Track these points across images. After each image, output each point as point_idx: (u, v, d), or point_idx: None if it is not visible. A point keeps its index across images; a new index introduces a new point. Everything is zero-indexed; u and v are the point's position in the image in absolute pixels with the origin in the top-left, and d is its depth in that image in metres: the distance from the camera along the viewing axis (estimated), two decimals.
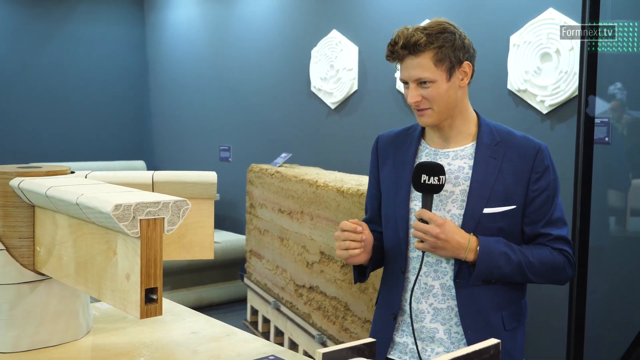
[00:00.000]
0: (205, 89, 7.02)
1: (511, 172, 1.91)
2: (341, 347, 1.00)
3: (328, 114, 5.44)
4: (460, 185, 1.93)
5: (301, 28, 5.72)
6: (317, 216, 3.83)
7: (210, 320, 2.00)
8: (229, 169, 6.63)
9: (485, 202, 1.89)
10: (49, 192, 1.44)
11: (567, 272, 1.96)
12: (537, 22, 3.81)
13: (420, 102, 1.90)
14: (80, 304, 1.77)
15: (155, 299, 1.28)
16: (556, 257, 1.93)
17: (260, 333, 4.87)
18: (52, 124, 7.43)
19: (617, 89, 3.22)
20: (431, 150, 2.01)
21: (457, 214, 1.92)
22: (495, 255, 1.86)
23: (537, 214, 1.93)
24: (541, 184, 1.92)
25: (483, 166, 1.91)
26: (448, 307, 1.94)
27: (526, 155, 1.92)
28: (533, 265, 1.90)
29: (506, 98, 4.02)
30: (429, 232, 1.83)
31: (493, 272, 1.87)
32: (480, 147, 1.94)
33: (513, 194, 1.90)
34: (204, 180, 1.79)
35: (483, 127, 1.98)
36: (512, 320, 1.96)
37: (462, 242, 1.85)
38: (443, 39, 1.87)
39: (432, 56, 1.87)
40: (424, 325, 1.97)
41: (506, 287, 1.95)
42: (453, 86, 1.91)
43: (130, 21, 7.92)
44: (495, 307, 1.93)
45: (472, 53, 1.95)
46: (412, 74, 1.89)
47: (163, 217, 1.28)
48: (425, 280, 1.97)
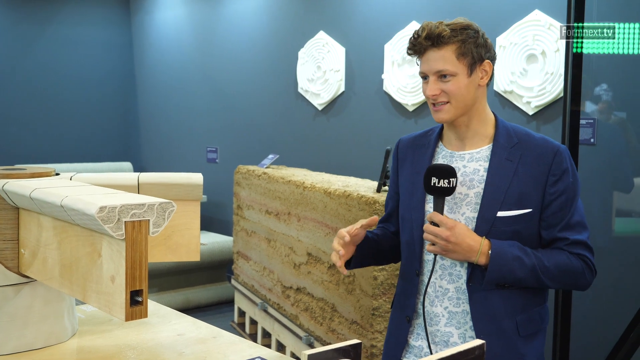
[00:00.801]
0: (192, 90, 7.00)
1: (528, 174, 1.87)
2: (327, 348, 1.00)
3: (315, 115, 5.44)
4: (474, 188, 1.90)
5: (288, 29, 5.72)
6: (304, 217, 3.83)
7: (196, 322, 1.99)
8: (216, 170, 6.62)
9: (499, 205, 1.86)
10: (34, 194, 1.43)
11: (586, 278, 1.90)
12: (523, 24, 3.82)
13: (438, 96, 1.88)
14: (65, 306, 1.76)
15: (141, 301, 1.27)
16: (573, 262, 1.87)
17: (247, 335, 4.86)
18: (37, 125, 7.38)
19: (602, 90, 3.24)
20: (447, 152, 1.99)
21: (471, 217, 1.89)
22: (507, 259, 1.83)
23: (554, 217, 1.88)
24: (559, 187, 1.87)
25: (498, 169, 1.88)
26: (463, 311, 1.92)
27: (544, 157, 1.88)
28: (548, 269, 1.85)
29: (492, 99, 4.04)
30: (440, 235, 1.81)
31: (505, 276, 1.84)
32: (496, 149, 1.91)
33: (529, 197, 1.87)
34: (190, 182, 1.78)
35: (500, 128, 1.95)
36: (527, 326, 1.92)
37: (474, 245, 1.82)
38: (466, 34, 1.86)
39: (455, 49, 1.86)
40: (439, 328, 1.95)
41: (521, 291, 1.90)
42: (473, 83, 1.89)
43: (116, 22, 7.89)
44: (509, 312, 1.89)
45: (493, 54, 1.94)
46: (434, 66, 1.87)
47: (148, 219, 1.28)
48: (440, 284, 1.95)
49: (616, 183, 3.30)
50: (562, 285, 1.94)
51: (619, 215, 3.28)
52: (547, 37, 3.70)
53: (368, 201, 3.16)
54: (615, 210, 3.27)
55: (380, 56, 4.76)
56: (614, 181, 3.31)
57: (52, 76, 7.44)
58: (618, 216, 3.28)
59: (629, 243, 3.29)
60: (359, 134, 4.97)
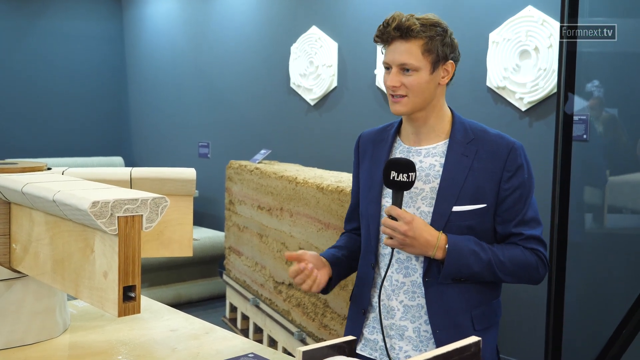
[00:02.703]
0: (183, 84, 6.98)
1: (483, 170, 1.90)
2: (321, 345, 0.99)
3: (307, 110, 5.43)
4: (430, 182, 1.93)
5: (280, 24, 5.71)
6: (296, 213, 3.82)
7: (189, 317, 1.99)
8: (207, 166, 6.60)
9: (455, 200, 1.88)
10: (25, 188, 1.42)
11: (539, 272, 1.94)
12: (516, 20, 3.83)
13: (398, 88, 1.90)
14: (57, 302, 1.75)
15: (134, 296, 1.27)
16: (528, 257, 1.91)
17: (239, 330, 4.86)
18: (28, 119, 7.34)
19: (595, 87, 3.25)
20: (405, 147, 2.01)
21: (427, 212, 1.91)
22: (464, 253, 1.85)
23: (509, 212, 1.91)
24: (513, 183, 1.90)
25: (454, 164, 1.91)
26: (418, 305, 1.94)
27: (499, 153, 1.91)
28: (503, 264, 1.88)
29: (485, 95, 4.04)
30: (397, 229, 1.83)
31: (462, 270, 1.86)
32: (452, 145, 1.93)
33: (484, 192, 1.89)
34: (183, 177, 1.78)
35: (457, 124, 1.97)
36: (482, 320, 1.95)
37: (431, 239, 1.84)
38: (435, 31, 1.88)
39: (422, 44, 1.87)
40: (394, 322, 1.97)
41: (476, 286, 1.93)
42: (434, 80, 1.91)
43: (107, 16, 7.85)
44: (464, 306, 1.92)
45: (457, 55, 1.96)
46: (398, 58, 1.89)
47: (141, 214, 1.27)
48: (396, 277, 1.97)
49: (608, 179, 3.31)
50: (516, 280, 1.96)
51: (610, 212, 3.29)
52: (540, 33, 3.70)
53: None
54: (607, 206, 3.28)
55: (373, 51, 4.76)
56: (607, 177, 3.31)
57: (43, 70, 7.40)
58: (610, 212, 3.29)
59: (621, 239, 3.30)
60: (352, 129, 4.96)
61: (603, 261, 3.24)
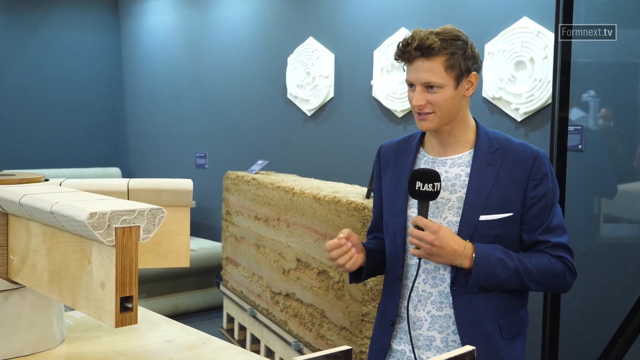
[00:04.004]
0: (181, 95, 6.99)
1: (508, 179, 1.91)
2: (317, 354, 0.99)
3: (304, 121, 5.44)
4: (457, 192, 1.93)
5: (277, 35, 5.73)
6: (293, 223, 3.82)
7: (186, 328, 1.99)
8: (205, 176, 6.60)
9: (482, 210, 1.88)
10: (23, 200, 1.43)
11: (566, 280, 1.94)
12: (512, 31, 3.84)
13: (424, 106, 1.89)
14: (54, 312, 1.76)
15: (131, 307, 1.27)
16: (555, 264, 1.91)
17: (236, 341, 4.85)
18: (25, 130, 7.35)
19: (590, 97, 3.26)
20: (429, 158, 2.01)
21: (454, 221, 1.92)
22: (491, 261, 1.86)
23: (535, 221, 1.92)
24: (539, 191, 1.91)
25: (480, 174, 1.91)
26: (446, 315, 1.94)
27: (524, 162, 1.91)
28: (530, 272, 1.89)
29: (481, 106, 4.05)
30: (424, 239, 1.83)
31: (489, 279, 1.87)
32: (477, 155, 1.94)
33: (510, 201, 1.90)
34: (180, 188, 1.78)
35: (481, 134, 1.97)
36: (510, 329, 1.95)
37: (458, 248, 1.85)
38: (456, 46, 1.87)
39: (444, 61, 1.86)
40: (421, 332, 1.97)
41: (504, 295, 1.94)
42: (458, 94, 1.91)
43: (105, 27, 7.87)
44: (492, 315, 1.92)
45: (479, 64, 1.95)
46: (422, 77, 1.88)
47: (138, 225, 1.27)
48: (423, 288, 1.97)
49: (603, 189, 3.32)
50: (544, 288, 1.98)
51: (606, 221, 3.30)
52: (536, 44, 3.72)
53: (357, 207, 3.17)
54: (602, 215, 3.29)
55: (370, 62, 4.77)
56: (602, 187, 3.32)
57: (40, 81, 7.41)
58: (605, 222, 3.29)
59: (616, 248, 3.31)
60: (348, 140, 4.98)
61: (599, 270, 3.24)
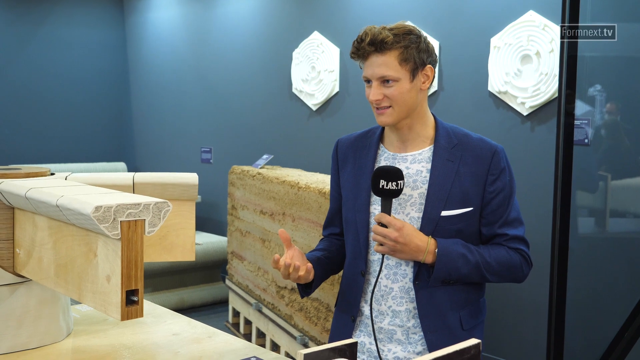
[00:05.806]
0: (186, 90, 6.99)
1: (468, 174, 1.94)
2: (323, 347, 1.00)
3: (309, 115, 5.44)
4: (418, 188, 1.96)
5: (282, 30, 5.72)
6: (298, 218, 3.83)
7: (191, 321, 1.99)
8: (210, 171, 6.61)
9: (443, 205, 1.92)
10: (29, 193, 1.43)
11: (523, 271, 2.00)
12: (518, 25, 3.83)
13: (381, 101, 1.92)
14: (61, 306, 1.76)
15: (136, 300, 1.27)
16: (512, 257, 1.96)
17: (242, 335, 4.86)
18: (32, 125, 7.36)
19: (596, 91, 3.25)
20: (390, 154, 2.03)
21: (416, 217, 1.95)
22: (453, 256, 1.90)
23: (493, 214, 1.96)
24: (497, 186, 1.95)
25: (440, 169, 1.94)
26: (406, 309, 1.98)
27: (482, 157, 1.95)
28: (490, 265, 1.94)
29: (487, 100, 4.04)
30: (388, 236, 1.85)
31: (451, 273, 1.91)
32: (437, 151, 1.97)
33: (470, 196, 1.94)
34: (185, 182, 1.79)
35: (440, 130, 2.00)
36: (470, 320, 2.00)
37: (421, 245, 1.88)
38: (409, 40, 1.90)
39: (398, 55, 1.89)
40: (382, 326, 2.00)
41: (464, 287, 1.98)
42: (415, 87, 1.93)
43: (110, 22, 7.87)
44: (453, 307, 1.97)
45: (434, 58, 1.98)
46: (377, 72, 1.91)
47: (144, 218, 1.28)
48: (385, 283, 2.00)
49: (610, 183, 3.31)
50: (502, 279, 2.01)
51: (613, 216, 3.29)
52: (542, 37, 3.71)
53: None
54: (609, 210, 3.28)
55: None
56: (608, 181, 3.31)
57: (46, 77, 7.42)
58: (612, 217, 3.29)
59: (623, 243, 3.30)
60: None
61: (605, 265, 3.24)
